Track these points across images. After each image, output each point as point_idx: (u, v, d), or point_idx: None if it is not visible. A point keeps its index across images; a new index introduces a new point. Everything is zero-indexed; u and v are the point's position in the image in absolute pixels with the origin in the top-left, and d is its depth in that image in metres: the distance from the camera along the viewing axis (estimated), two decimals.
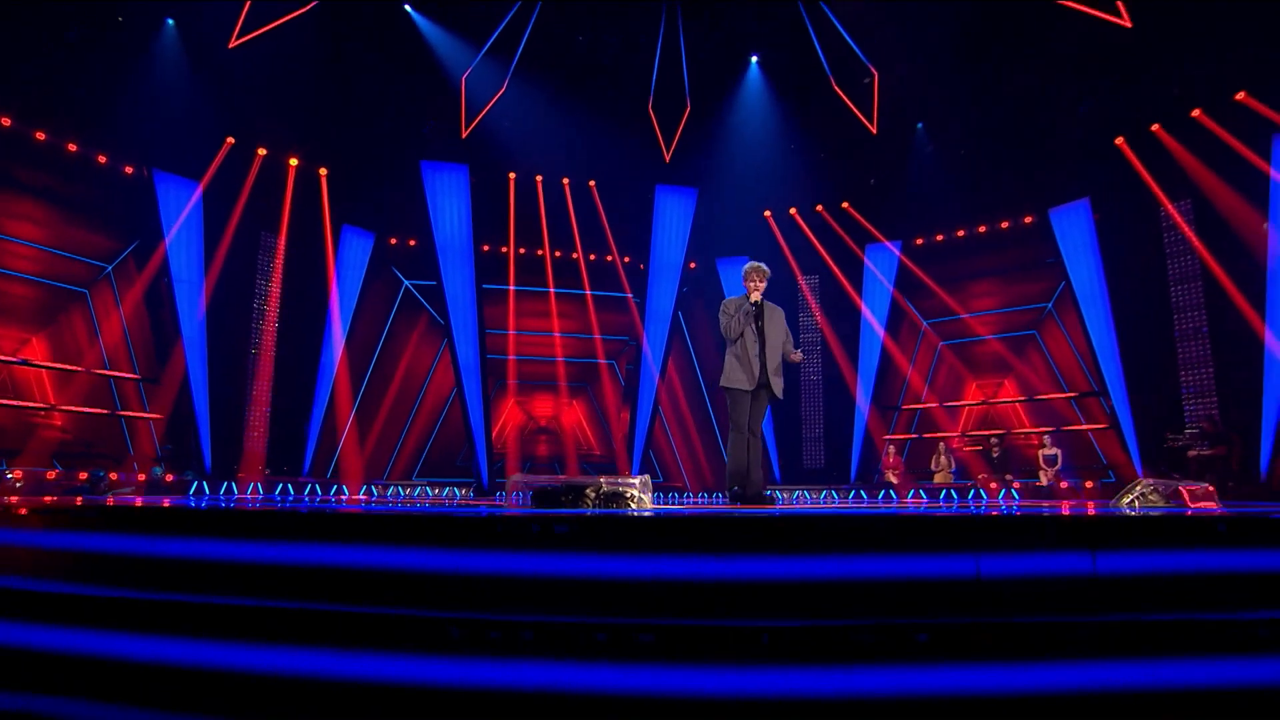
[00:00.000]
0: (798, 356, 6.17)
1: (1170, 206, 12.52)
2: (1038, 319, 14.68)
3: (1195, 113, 12.40)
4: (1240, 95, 11.96)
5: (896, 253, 15.50)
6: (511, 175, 15.62)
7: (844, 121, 14.37)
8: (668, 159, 15.22)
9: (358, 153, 14.45)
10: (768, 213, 16.67)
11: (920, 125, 14.45)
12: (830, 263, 16.08)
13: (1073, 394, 13.90)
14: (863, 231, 15.85)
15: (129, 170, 12.73)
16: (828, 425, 15.84)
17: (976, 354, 15.22)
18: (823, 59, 13.19)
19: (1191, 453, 11.12)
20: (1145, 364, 12.67)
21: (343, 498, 10.22)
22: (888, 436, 15.39)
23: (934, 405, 15.46)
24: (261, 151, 13.74)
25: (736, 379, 5.99)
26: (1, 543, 3.36)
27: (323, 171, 14.58)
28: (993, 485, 12.01)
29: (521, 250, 15.90)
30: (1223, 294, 11.89)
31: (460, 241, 14.77)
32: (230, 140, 13.29)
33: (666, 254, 15.84)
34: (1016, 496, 11.02)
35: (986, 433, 14.28)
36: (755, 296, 6.09)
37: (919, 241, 15.61)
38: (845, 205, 16.18)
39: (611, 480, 3.96)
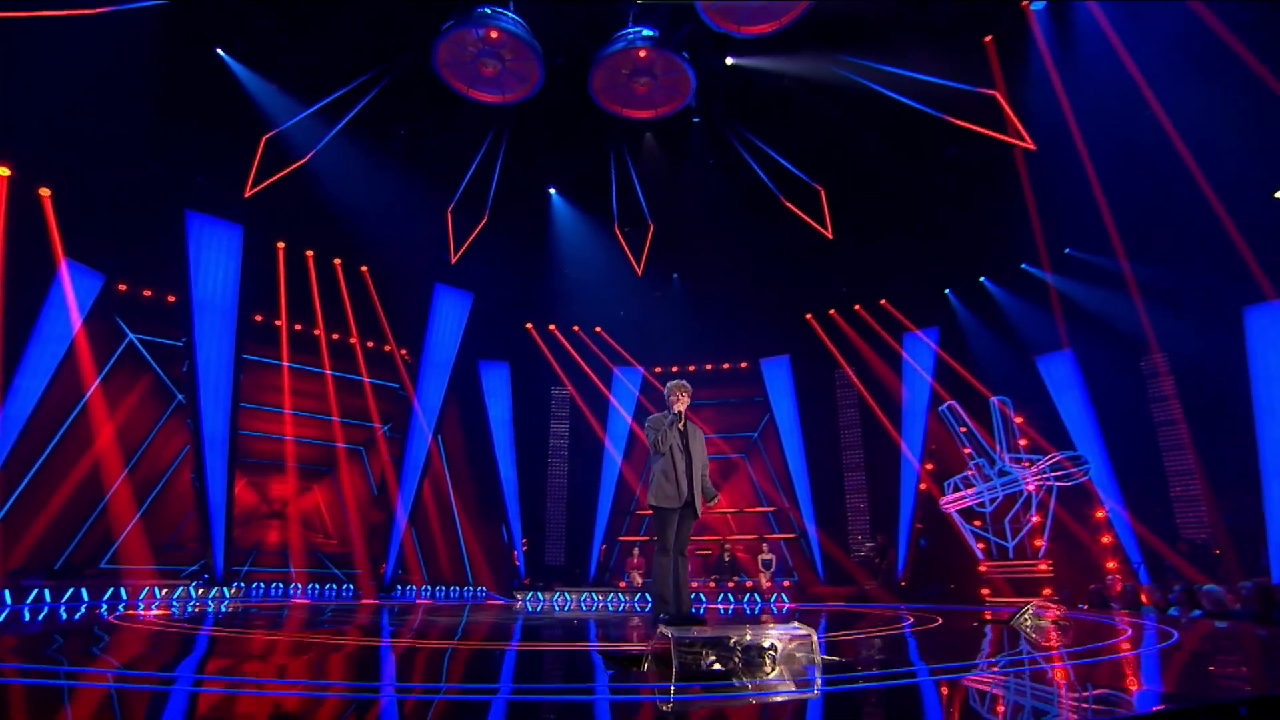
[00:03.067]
0: (712, 499, 5.56)
1: (847, 367, 15.75)
2: (747, 445, 16.93)
3: (856, 306, 16.07)
4: (883, 301, 15.85)
5: (641, 371, 16.90)
6: (280, 245, 13.93)
7: (614, 257, 15.65)
8: (453, 261, 14.92)
9: (102, 182, 11.67)
10: (529, 324, 17.11)
11: (676, 276, 16.31)
12: (593, 376, 16.86)
13: (771, 509, 16.16)
14: (614, 353, 17.02)
15: None
16: (570, 525, 16.06)
17: None
18: (614, 203, 14.39)
19: (879, 561, 13.65)
20: (824, 488, 15.35)
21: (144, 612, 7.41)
22: (621, 538, 16.11)
23: None
24: None
25: (665, 496, 5.41)
26: None
27: (44, 192, 11.50)
28: (766, 585, 13.30)
29: (264, 319, 13.93)
30: (877, 434, 15.15)
31: (223, 304, 12.55)
32: None
33: (439, 350, 15.20)
34: (786, 599, 12.26)
35: (717, 538, 15.77)
36: (680, 408, 5.58)
37: (658, 369, 17.21)
38: (599, 329, 17.32)
39: (756, 629, 2.95)
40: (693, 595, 13.16)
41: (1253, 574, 10.78)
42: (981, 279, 14.67)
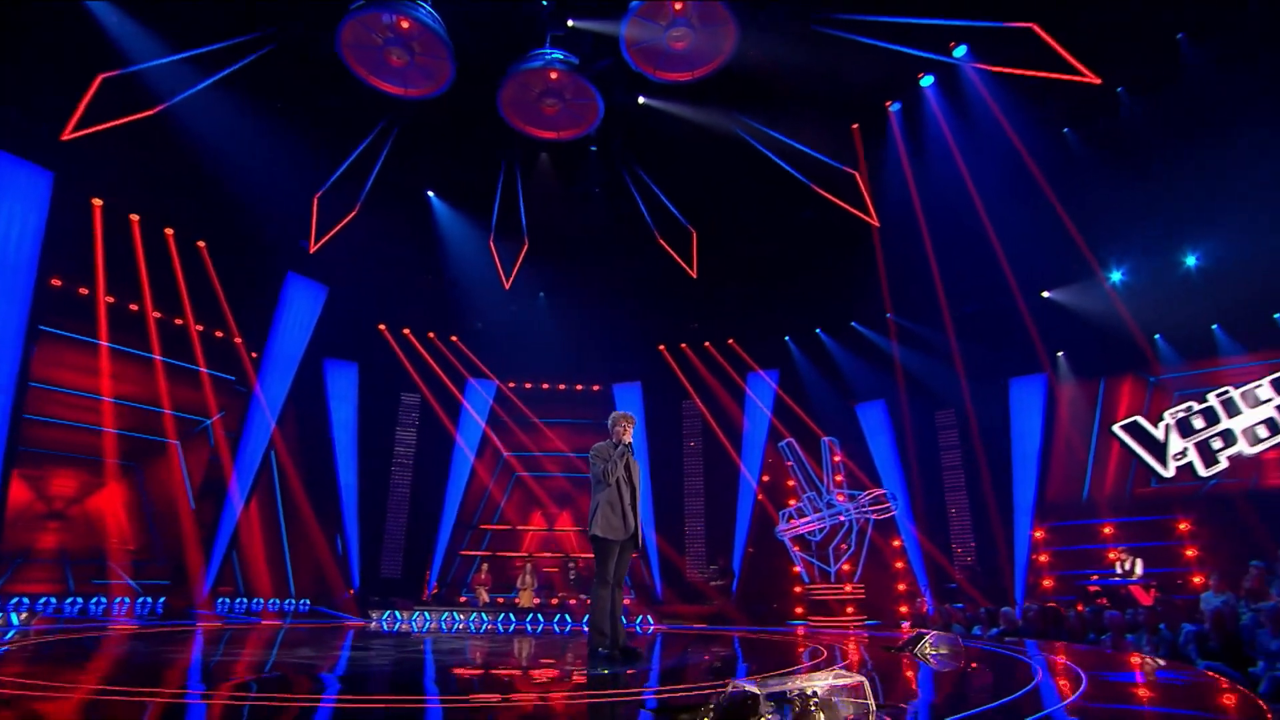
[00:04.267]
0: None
1: (696, 398, 16.53)
2: None
3: (706, 343, 17.01)
4: (731, 341, 16.93)
5: (496, 383, 16.47)
6: (96, 203, 11.79)
7: (483, 269, 15.17)
8: (312, 250, 13.56)
9: None
10: (383, 326, 15.98)
11: (542, 294, 16.13)
12: (446, 385, 16.07)
13: None
14: (469, 364, 16.40)
15: None
16: (410, 537, 15.03)
17: (546, 486, 16.66)
18: (494, 215, 13.98)
19: (714, 582, 14.30)
20: (666, 511, 15.89)
21: None
22: (463, 552, 15.41)
23: (507, 527, 16.15)
24: None
25: (612, 528, 5.30)
26: None
27: None
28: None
29: (65, 284, 11.67)
30: (719, 464, 16.01)
31: (15, 263, 10.29)
32: None
33: (285, 343, 13.65)
34: (652, 622, 12.25)
35: (561, 554, 15.58)
36: (628, 439, 5.54)
37: (512, 384, 16.84)
38: (455, 339, 16.61)
39: (807, 678, 2.75)
40: (540, 612, 12.94)
41: (1005, 598, 12.96)
42: (817, 330, 16.24)
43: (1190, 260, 12.16)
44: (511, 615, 11.90)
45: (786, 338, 16.58)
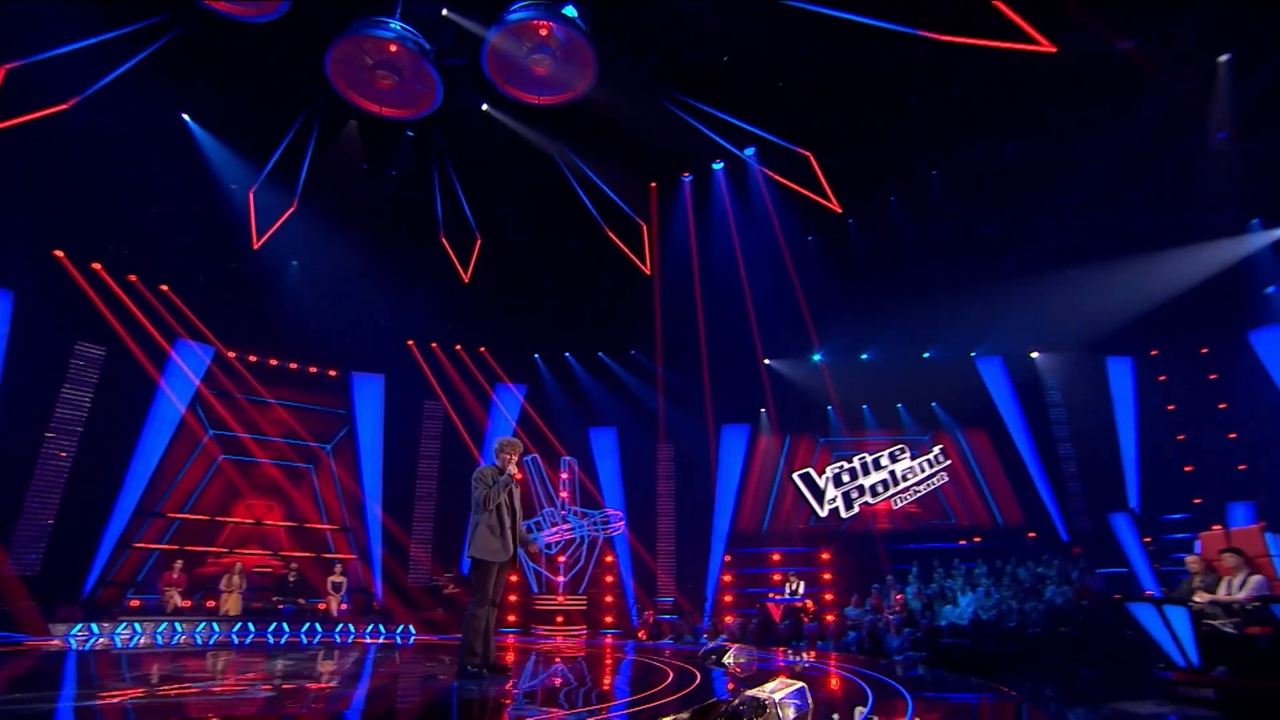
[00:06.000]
0: (535, 549, 5.81)
1: (444, 399, 16.25)
2: (316, 456, 15.45)
3: (458, 347, 16.96)
4: (483, 349, 17.15)
5: (216, 348, 14.21)
6: None
7: (228, 219, 13.19)
8: None
9: None
10: (61, 253, 12.78)
11: (295, 263, 14.45)
12: (152, 339, 13.40)
13: (333, 526, 15.05)
14: (183, 319, 13.91)
15: None
16: (62, 523, 11.94)
17: (257, 474, 14.63)
18: (268, 166, 12.29)
19: (446, 590, 14.05)
20: (395, 512, 15.25)
21: None
22: (136, 544, 12.80)
23: (203, 518, 13.78)
24: None
25: (492, 550, 5.57)
26: None
27: None
28: (336, 610, 11.91)
29: None
30: (456, 469, 15.89)
31: None
32: None
33: None
34: (413, 632, 11.33)
35: (269, 552, 13.72)
36: (516, 473, 5.79)
37: (233, 354, 14.68)
38: (165, 287, 13.97)
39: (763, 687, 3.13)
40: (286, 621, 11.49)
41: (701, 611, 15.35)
42: (566, 354, 17.34)
43: (864, 355, 16.12)
44: (250, 625, 10.42)
45: (536, 355, 17.37)
